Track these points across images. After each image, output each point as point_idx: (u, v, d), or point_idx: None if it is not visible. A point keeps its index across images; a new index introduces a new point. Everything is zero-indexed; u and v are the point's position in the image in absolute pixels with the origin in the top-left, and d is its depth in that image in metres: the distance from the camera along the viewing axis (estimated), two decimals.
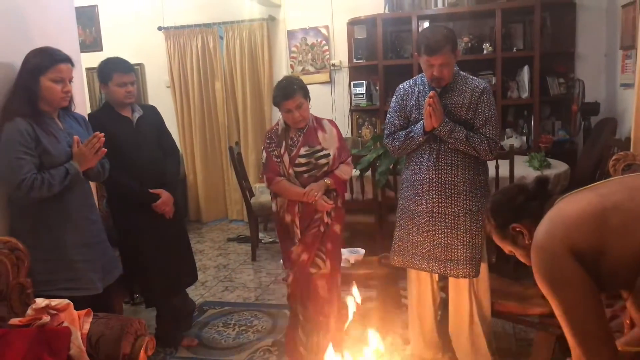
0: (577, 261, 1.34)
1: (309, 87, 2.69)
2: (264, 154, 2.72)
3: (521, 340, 2.99)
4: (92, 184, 2.63)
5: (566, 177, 3.93)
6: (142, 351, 1.94)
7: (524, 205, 1.58)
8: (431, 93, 2.40)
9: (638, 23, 3.46)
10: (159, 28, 5.79)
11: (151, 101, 5.86)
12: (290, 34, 5.68)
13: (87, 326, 1.95)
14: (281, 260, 2.87)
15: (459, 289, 2.59)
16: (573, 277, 1.34)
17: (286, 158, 2.66)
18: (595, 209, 1.37)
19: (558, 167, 3.96)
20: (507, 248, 1.65)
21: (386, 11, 5.22)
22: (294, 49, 5.70)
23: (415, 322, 2.77)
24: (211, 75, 5.79)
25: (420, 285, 2.70)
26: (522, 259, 1.62)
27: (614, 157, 2.72)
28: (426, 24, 4.91)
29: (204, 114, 5.88)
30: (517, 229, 1.57)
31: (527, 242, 1.54)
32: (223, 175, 6.06)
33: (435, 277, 2.70)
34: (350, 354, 1.81)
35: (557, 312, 1.38)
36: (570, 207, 1.42)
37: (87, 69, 4.93)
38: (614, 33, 4.60)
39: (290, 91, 2.57)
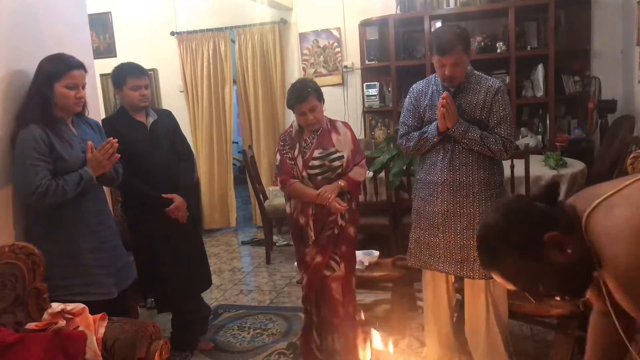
0: None
1: (321, 89, 2.68)
2: (278, 156, 2.72)
3: (539, 342, 2.94)
4: (107, 190, 2.64)
5: (583, 176, 3.88)
6: (156, 355, 1.95)
7: (549, 212, 1.27)
8: (444, 94, 2.37)
9: None
10: (172, 33, 5.82)
11: (165, 106, 5.87)
12: (302, 37, 5.68)
13: (102, 330, 1.97)
14: (295, 263, 2.86)
15: (475, 290, 2.56)
16: None
17: (300, 160, 2.65)
18: None
19: (574, 166, 3.91)
20: (537, 279, 1.29)
21: (398, 12, 5.21)
22: (305, 51, 5.70)
23: (431, 324, 2.74)
24: (222, 79, 5.79)
25: (435, 287, 2.68)
26: (556, 292, 1.32)
27: (632, 155, 2.66)
28: (438, 24, 4.88)
29: (216, 118, 5.85)
30: (554, 240, 1.22)
31: (569, 251, 1.23)
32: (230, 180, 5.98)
33: (451, 278, 2.67)
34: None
35: None
36: (618, 217, 1.21)
37: (102, 75, 4.98)
38: (630, 29, 4.53)
39: (304, 94, 2.57)
